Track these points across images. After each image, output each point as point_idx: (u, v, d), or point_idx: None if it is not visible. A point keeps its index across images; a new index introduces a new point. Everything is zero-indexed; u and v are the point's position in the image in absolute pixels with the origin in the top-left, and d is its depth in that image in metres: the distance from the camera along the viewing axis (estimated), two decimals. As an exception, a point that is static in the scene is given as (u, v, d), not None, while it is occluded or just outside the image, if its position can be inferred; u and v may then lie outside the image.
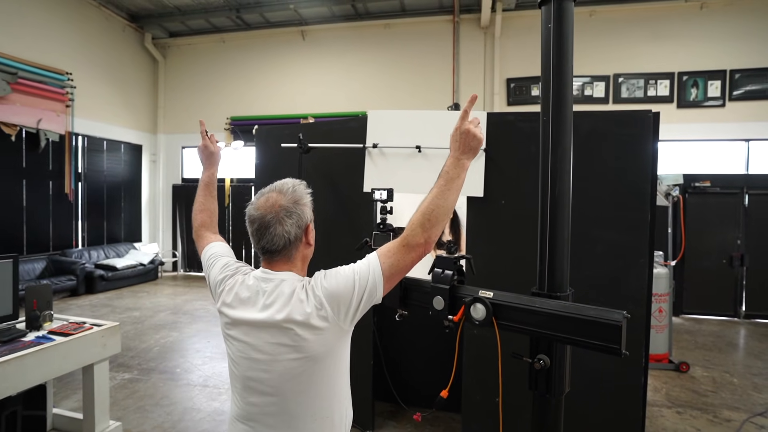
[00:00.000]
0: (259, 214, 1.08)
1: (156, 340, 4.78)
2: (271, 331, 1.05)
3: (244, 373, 1.10)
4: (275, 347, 1.05)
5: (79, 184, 7.54)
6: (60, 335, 2.14)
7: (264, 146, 3.31)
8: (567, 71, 1.41)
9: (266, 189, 1.14)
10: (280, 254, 1.10)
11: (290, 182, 1.15)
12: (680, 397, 3.48)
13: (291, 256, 1.12)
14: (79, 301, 6.48)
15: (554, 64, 1.40)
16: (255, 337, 1.07)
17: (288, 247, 1.09)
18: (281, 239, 1.07)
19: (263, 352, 1.06)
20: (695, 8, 6.95)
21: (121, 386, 3.55)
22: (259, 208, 1.09)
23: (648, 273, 2.48)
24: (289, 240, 1.09)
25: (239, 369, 1.11)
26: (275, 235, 1.07)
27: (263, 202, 1.10)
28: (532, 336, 1.44)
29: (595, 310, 1.29)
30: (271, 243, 1.08)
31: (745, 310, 6.05)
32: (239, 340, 1.10)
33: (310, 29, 8.47)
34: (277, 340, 1.05)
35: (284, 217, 1.08)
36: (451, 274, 1.61)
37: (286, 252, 1.10)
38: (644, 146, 2.46)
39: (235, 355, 1.12)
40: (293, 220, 1.09)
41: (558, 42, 1.40)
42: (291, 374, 1.06)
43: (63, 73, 7.06)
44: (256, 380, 1.08)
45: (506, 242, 2.59)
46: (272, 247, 1.08)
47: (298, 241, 1.11)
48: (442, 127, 2.67)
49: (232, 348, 1.13)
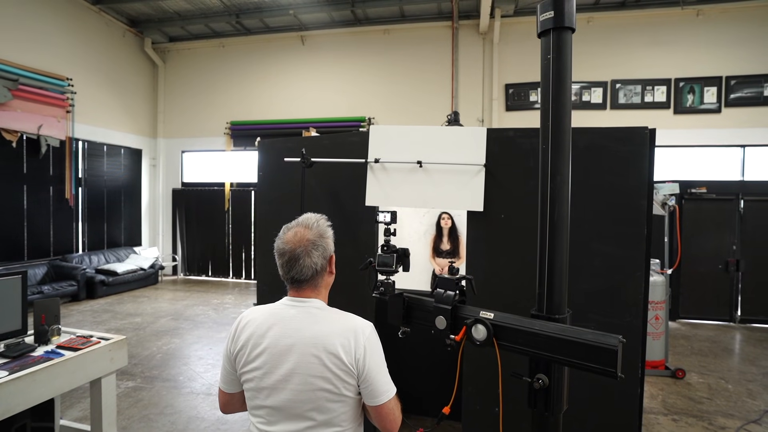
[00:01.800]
0: (289, 248, 1.20)
1: (158, 347, 4.82)
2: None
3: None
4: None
5: (79, 189, 7.56)
6: (68, 350, 2.18)
7: (266, 158, 3.35)
8: (566, 100, 1.46)
9: (292, 224, 1.26)
10: (308, 283, 1.21)
11: (314, 217, 1.28)
12: (676, 404, 3.54)
13: (317, 285, 1.23)
14: (81, 307, 6.51)
15: (554, 94, 1.45)
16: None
17: (315, 277, 1.21)
18: (309, 270, 1.19)
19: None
20: (691, 15, 7.03)
21: (125, 395, 3.59)
22: (288, 243, 1.21)
23: (644, 286, 2.54)
24: (316, 270, 1.20)
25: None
26: (304, 266, 1.18)
27: (291, 237, 1.22)
28: (531, 357, 1.50)
29: (592, 335, 1.34)
30: (300, 273, 1.19)
31: (741, 314, 6.13)
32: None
33: (310, 34, 8.51)
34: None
35: (312, 250, 1.19)
36: (453, 294, 1.66)
37: (313, 281, 1.22)
38: (640, 162, 2.52)
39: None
40: (319, 252, 1.21)
41: (557, 72, 1.45)
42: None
43: (63, 79, 7.08)
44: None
45: (506, 256, 2.64)
46: (301, 277, 1.19)
47: (323, 271, 1.23)
48: (443, 142, 2.72)
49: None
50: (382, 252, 1.75)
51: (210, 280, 9.00)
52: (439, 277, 1.70)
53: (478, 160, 2.62)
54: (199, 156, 9.41)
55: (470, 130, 2.72)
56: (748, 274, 6.08)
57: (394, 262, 1.73)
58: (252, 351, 1.16)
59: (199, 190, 9.22)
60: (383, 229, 1.77)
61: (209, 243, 9.13)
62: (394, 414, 1.19)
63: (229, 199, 8.96)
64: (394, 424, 1.19)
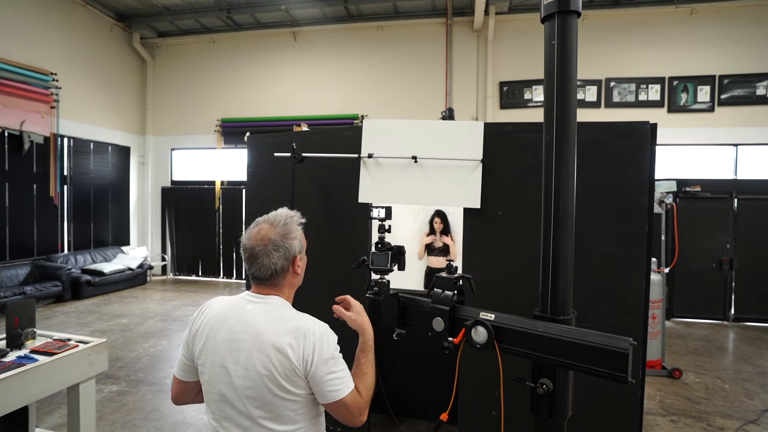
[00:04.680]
0: (250, 245, 1.18)
1: (145, 349, 4.68)
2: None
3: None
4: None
5: (64, 186, 7.36)
6: (43, 354, 2.05)
7: (256, 154, 3.25)
8: (571, 89, 1.38)
9: (261, 219, 1.23)
10: (268, 281, 1.19)
11: (283, 214, 1.23)
12: (674, 404, 3.49)
13: (277, 284, 1.21)
14: (65, 308, 6.33)
15: (558, 82, 1.37)
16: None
17: (275, 276, 1.19)
18: (268, 269, 1.17)
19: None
20: (685, 14, 7.02)
21: (108, 399, 3.46)
22: (250, 239, 1.19)
23: (645, 285, 2.47)
24: (276, 270, 1.18)
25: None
26: (263, 265, 1.16)
27: (255, 234, 1.19)
28: (534, 360, 1.41)
29: (601, 337, 1.26)
30: (259, 271, 1.17)
31: (734, 313, 6.13)
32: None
33: (302, 30, 8.38)
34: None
35: (271, 250, 1.16)
36: (451, 294, 1.57)
37: (273, 280, 1.19)
38: (641, 158, 2.45)
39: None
40: (280, 253, 1.17)
41: (562, 59, 1.37)
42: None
43: (47, 74, 6.88)
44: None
45: (504, 254, 2.56)
46: (260, 275, 1.18)
47: (285, 272, 1.20)
48: (439, 136, 2.63)
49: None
50: (376, 250, 1.65)
51: (200, 280, 8.84)
52: (437, 276, 1.61)
53: (475, 155, 2.54)
54: (189, 154, 9.24)
55: (467, 125, 2.63)
56: (741, 273, 6.08)
57: (388, 261, 1.64)
58: (206, 341, 1.16)
59: (189, 188, 9.05)
60: (377, 226, 1.67)
61: (199, 242, 8.96)
62: (349, 411, 1.15)
63: (219, 197, 8.80)
64: (351, 419, 1.16)
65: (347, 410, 1.14)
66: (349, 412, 1.15)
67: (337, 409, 1.14)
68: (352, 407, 1.15)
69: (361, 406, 1.17)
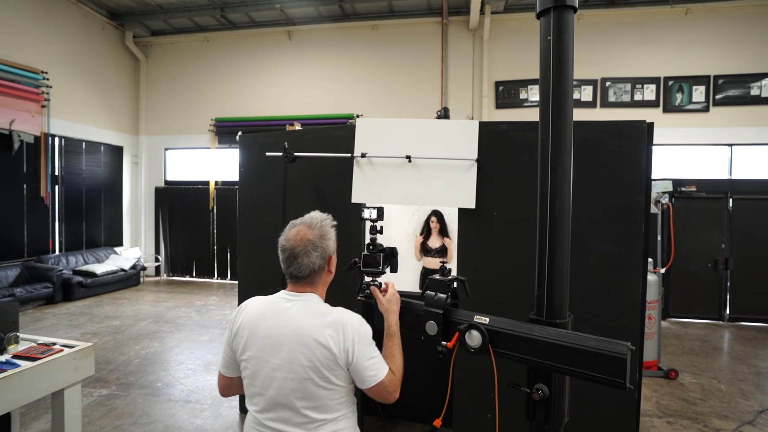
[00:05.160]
0: (290, 246, 1.26)
1: (136, 351, 4.61)
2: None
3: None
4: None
5: (55, 187, 7.27)
6: (26, 359, 1.99)
7: (248, 153, 3.20)
8: (567, 87, 1.34)
9: (297, 221, 1.32)
10: (305, 280, 1.28)
11: (318, 217, 1.33)
12: (670, 406, 3.47)
13: (314, 282, 1.30)
14: (56, 310, 6.24)
15: (554, 80, 1.33)
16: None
17: (312, 275, 1.27)
18: (307, 268, 1.25)
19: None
20: (680, 14, 7.02)
21: (97, 404, 3.39)
22: (289, 240, 1.27)
23: (642, 286, 2.44)
24: (314, 269, 1.26)
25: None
26: (302, 264, 1.25)
27: (294, 235, 1.28)
28: (530, 365, 1.37)
29: (598, 341, 1.22)
30: (298, 270, 1.26)
31: (729, 313, 6.13)
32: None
33: (297, 30, 8.32)
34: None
35: (311, 250, 1.25)
36: (444, 297, 1.53)
37: (311, 279, 1.28)
38: (638, 157, 2.42)
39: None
40: (318, 252, 1.26)
41: (558, 55, 1.33)
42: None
43: (38, 72, 6.79)
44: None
45: (499, 255, 2.52)
46: (299, 274, 1.26)
47: (321, 270, 1.29)
48: (433, 135, 2.59)
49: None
50: (367, 251, 1.61)
51: (194, 280, 8.76)
52: (430, 278, 1.57)
53: (469, 154, 2.50)
54: (183, 153, 9.16)
55: (462, 123, 2.60)
56: (736, 273, 6.09)
57: (380, 263, 1.59)
58: (248, 339, 1.24)
59: (183, 188, 8.97)
60: (369, 227, 1.63)
61: (193, 243, 8.88)
62: (387, 391, 1.26)
63: (213, 197, 8.73)
64: (388, 398, 1.28)
65: (385, 390, 1.25)
66: (387, 391, 1.25)
67: (377, 390, 1.24)
68: (389, 386, 1.26)
69: (396, 384, 1.29)
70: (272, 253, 3.10)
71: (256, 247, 3.11)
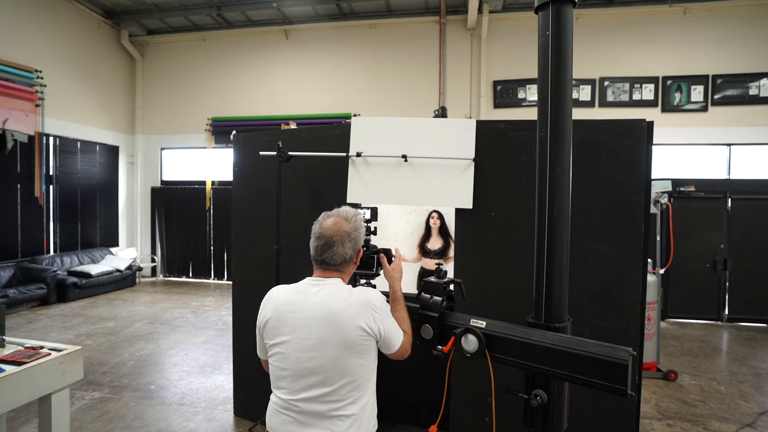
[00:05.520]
0: (327, 234, 1.35)
1: (131, 353, 4.55)
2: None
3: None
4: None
5: (50, 187, 7.20)
6: (12, 364, 1.94)
7: (242, 152, 3.15)
8: (567, 83, 1.30)
9: (333, 212, 1.41)
10: (335, 267, 1.37)
11: (352, 212, 1.42)
12: (670, 408, 3.43)
13: (342, 270, 1.39)
14: (50, 311, 6.17)
15: (553, 75, 1.28)
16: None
17: (343, 264, 1.37)
18: (340, 257, 1.35)
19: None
20: (678, 13, 7.00)
21: (89, 407, 3.34)
22: (327, 229, 1.36)
23: (642, 287, 2.40)
24: (345, 259, 1.36)
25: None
26: (336, 253, 1.34)
27: (331, 224, 1.36)
28: (528, 371, 1.33)
29: (599, 347, 1.18)
30: (331, 258, 1.35)
31: (728, 313, 6.11)
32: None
33: (294, 29, 8.27)
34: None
35: (346, 240, 1.35)
36: (440, 300, 1.49)
37: (340, 267, 1.37)
38: (638, 157, 2.39)
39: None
40: (351, 243, 1.36)
41: (557, 50, 1.29)
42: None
43: (32, 71, 6.72)
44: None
45: (496, 256, 2.48)
46: (331, 261, 1.35)
47: (350, 261, 1.39)
48: (430, 134, 2.55)
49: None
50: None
51: (190, 281, 8.70)
52: (425, 280, 1.53)
53: (467, 154, 2.46)
54: (180, 153, 9.09)
55: (459, 122, 2.55)
56: (735, 273, 6.06)
57: (375, 265, 1.55)
58: (278, 325, 1.31)
59: (180, 188, 8.90)
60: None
61: (190, 243, 8.81)
62: (406, 349, 1.41)
63: (210, 197, 8.67)
64: (405, 355, 1.42)
65: (405, 349, 1.40)
66: (405, 350, 1.40)
67: (399, 352, 1.38)
68: (407, 345, 1.41)
69: (410, 341, 1.43)
70: (267, 253, 3.03)
71: (250, 248, 3.06)
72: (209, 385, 3.80)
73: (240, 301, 3.16)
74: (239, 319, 3.19)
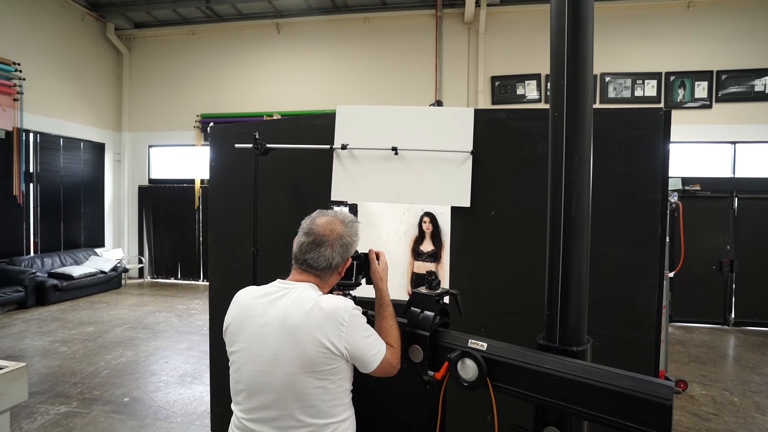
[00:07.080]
0: (318, 232, 1.19)
1: (107, 361, 4.28)
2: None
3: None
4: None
5: (30, 185, 6.91)
6: (-62, 386, 1.68)
7: (219, 146, 2.90)
8: (586, 50, 1.05)
9: (329, 212, 1.25)
10: (315, 272, 1.19)
11: (349, 216, 1.27)
12: (681, 421, 3.20)
13: (322, 277, 1.20)
14: (27, 315, 5.88)
15: (570, 38, 1.03)
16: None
17: (326, 270, 1.19)
18: (325, 261, 1.18)
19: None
20: (682, 7, 6.79)
21: (53, 423, 3.07)
22: (319, 226, 1.20)
23: (658, 294, 2.16)
24: (330, 264, 1.19)
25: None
26: (322, 255, 1.17)
27: (324, 223, 1.20)
28: (538, 404, 1.09)
29: (631, 380, 0.93)
30: (315, 260, 1.17)
31: (735, 317, 5.89)
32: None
33: (286, 22, 8.01)
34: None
35: (337, 244, 1.18)
36: (432, 316, 1.23)
37: (322, 273, 1.19)
38: (654, 150, 2.14)
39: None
40: (342, 249, 1.20)
41: (574, 9, 1.04)
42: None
43: (9, 64, 6.43)
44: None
45: (497, 259, 2.23)
46: (314, 264, 1.18)
47: (335, 268, 1.20)
48: (423, 125, 2.30)
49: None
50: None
51: (179, 283, 8.42)
52: (414, 292, 1.28)
53: (464, 146, 2.21)
54: (168, 151, 8.81)
55: (454, 111, 2.30)
56: (742, 275, 5.85)
57: (354, 272, 1.29)
58: (237, 330, 1.15)
59: (168, 187, 8.62)
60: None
61: (178, 244, 8.54)
62: (391, 365, 1.19)
63: (199, 196, 8.40)
64: (392, 372, 1.21)
65: (389, 365, 1.18)
66: (391, 366, 1.19)
67: (381, 369, 1.16)
68: (393, 361, 1.19)
69: (397, 356, 1.21)
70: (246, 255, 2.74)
71: (227, 250, 2.80)
72: (188, 396, 3.54)
73: (217, 308, 2.90)
74: (216, 327, 2.92)
